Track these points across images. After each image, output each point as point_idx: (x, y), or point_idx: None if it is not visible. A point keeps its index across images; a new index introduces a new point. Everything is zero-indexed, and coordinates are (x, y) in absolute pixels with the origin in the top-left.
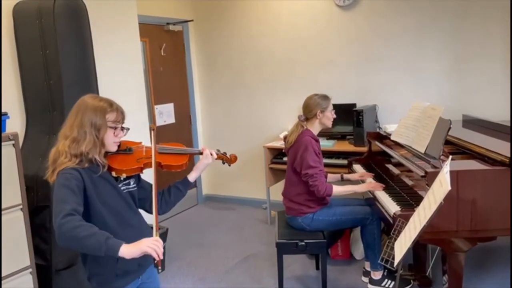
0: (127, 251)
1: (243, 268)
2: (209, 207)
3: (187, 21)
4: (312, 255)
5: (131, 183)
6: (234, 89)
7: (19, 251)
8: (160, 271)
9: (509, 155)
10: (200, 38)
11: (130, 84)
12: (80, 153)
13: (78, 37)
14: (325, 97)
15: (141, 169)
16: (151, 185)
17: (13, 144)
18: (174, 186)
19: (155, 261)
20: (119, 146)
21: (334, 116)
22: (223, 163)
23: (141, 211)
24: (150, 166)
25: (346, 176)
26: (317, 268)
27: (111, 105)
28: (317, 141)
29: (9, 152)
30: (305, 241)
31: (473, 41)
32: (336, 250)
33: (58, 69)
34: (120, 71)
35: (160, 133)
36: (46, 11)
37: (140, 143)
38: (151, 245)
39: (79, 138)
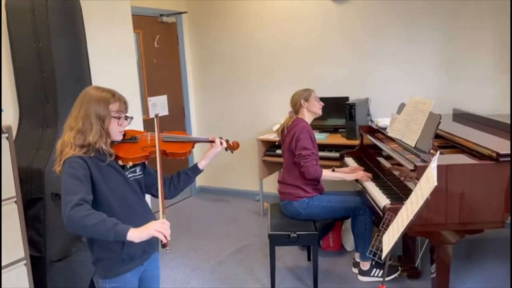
0: (135, 235)
1: (235, 259)
2: (203, 198)
3: (180, 13)
4: (304, 247)
5: (137, 170)
6: (227, 81)
7: (13, 243)
8: (168, 251)
9: (496, 150)
10: (194, 30)
11: (124, 76)
12: (87, 143)
13: (71, 29)
14: (306, 89)
15: (147, 157)
16: (157, 171)
17: (7, 137)
18: (184, 172)
19: (163, 243)
20: (124, 135)
21: (322, 103)
22: (226, 150)
23: (148, 198)
24: (155, 154)
25: (337, 170)
26: (309, 259)
27: (114, 95)
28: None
29: (3, 145)
30: (297, 233)
31: (464, 37)
32: (328, 241)
33: (51, 62)
34: (113, 62)
35: (154, 125)
36: (39, 3)
37: (145, 132)
38: (158, 228)
39: (84, 129)
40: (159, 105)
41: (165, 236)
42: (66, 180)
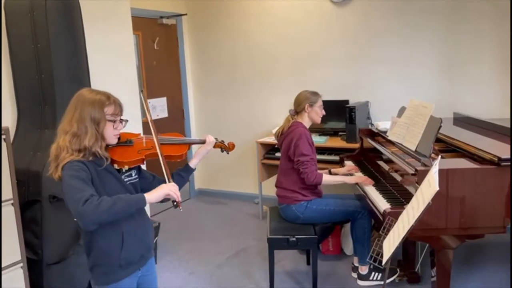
0: (152, 197)
1: (234, 262)
2: (202, 201)
3: (180, 15)
4: (303, 250)
5: (133, 174)
6: (227, 84)
7: (10, 245)
8: (181, 210)
9: (497, 154)
10: (194, 32)
11: (123, 78)
12: (83, 147)
13: (70, 30)
14: (315, 93)
15: (143, 160)
16: (152, 174)
17: (4, 139)
18: (177, 173)
19: (175, 203)
20: (119, 138)
21: (323, 112)
22: (222, 151)
23: None
24: (151, 157)
25: (333, 170)
26: (308, 263)
27: (109, 98)
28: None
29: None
30: (296, 236)
31: (465, 41)
32: (327, 245)
33: (50, 63)
34: (112, 64)
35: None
36: (38, 4)
37: (139, 134)
38: (171, 188)
39: (79, 133)
40: (159, 107)
41: (177, 196)
42: (70, 181)
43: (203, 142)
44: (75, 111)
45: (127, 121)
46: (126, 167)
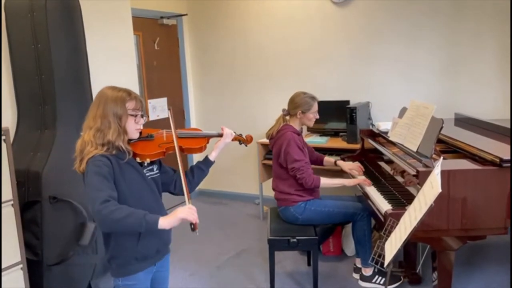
0: (166, 222)
1: (234, 263)
2: (202, 202)
3: (181, 15)
4: (303, 251)
5: (154, 169)
6: (227, 84)
7: (10, 246)
8: (197, 233)
9: (499, 155)
10: (194, 33)
11: (123, 78)
12: (107, 141)
13: (70, 30)
14: (312, 98)
15: (164, 153)
16: (173, 169)
17: (4, 139)
18: (197, 166)
19: (192, 225)
20: (140, 133)
21: (317, 117)
22: (240, 144)
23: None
24: (172, 150)
25: (339, 162)
26: (309, 264)
27: (130, 94)
28: (299, 135)
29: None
30: (297, 237)
31: (466, 41)
32: (328, 246)
33: (50, 63)
34: (113, 65)
35: (153, 127)
36: (38, 4)
37: (160, 129)
38: (187, 212)
39: (103, 127)
40: (159, 108)
41: (194, 218)
42: (91, 178)
43: (220, 135)
44: (98, 108)
45: (148, 116)
46: (148, 160)
